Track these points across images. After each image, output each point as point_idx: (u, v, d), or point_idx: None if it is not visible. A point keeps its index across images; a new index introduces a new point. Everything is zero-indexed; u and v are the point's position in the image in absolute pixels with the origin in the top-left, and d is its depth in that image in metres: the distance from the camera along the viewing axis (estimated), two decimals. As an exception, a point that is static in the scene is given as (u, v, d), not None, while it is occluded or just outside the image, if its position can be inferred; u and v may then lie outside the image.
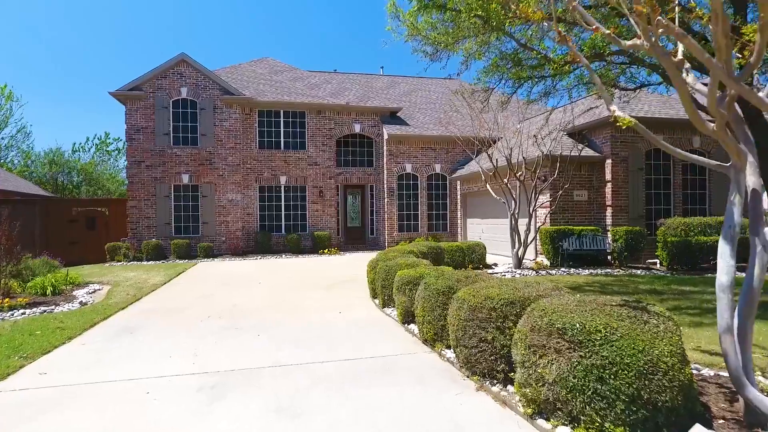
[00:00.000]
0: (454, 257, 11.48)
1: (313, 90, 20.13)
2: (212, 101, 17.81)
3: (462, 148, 19.84)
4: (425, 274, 5.68)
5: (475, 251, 12.07)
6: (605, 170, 13.09)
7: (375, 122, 19.92)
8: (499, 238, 15.60)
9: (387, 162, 19.14)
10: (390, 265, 7.10)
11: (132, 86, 17.20)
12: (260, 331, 6.10)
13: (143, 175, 17.36)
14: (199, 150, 17.73)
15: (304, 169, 19.07)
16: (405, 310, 6.02)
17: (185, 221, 17.70)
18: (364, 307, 7.52)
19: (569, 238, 12.41)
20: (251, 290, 9.56)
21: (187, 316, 7.13)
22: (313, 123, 19.19)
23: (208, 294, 9.20)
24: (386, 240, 19.11)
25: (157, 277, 11.75)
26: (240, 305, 7.89)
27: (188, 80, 17.66)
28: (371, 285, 8.28)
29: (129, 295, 9.15)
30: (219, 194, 17.87)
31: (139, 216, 17.34)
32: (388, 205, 19.15)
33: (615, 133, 12.90)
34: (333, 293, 9.06)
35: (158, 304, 8.18)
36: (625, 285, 9.24)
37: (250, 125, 18.62)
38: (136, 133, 17.31)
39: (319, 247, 18.19)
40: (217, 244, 17.74)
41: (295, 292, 9.19)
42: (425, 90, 24.30)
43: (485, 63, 8.44)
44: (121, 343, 5.70)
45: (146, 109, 17.37)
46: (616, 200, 12.93)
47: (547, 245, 12.53)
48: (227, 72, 20.27)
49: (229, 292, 9.42)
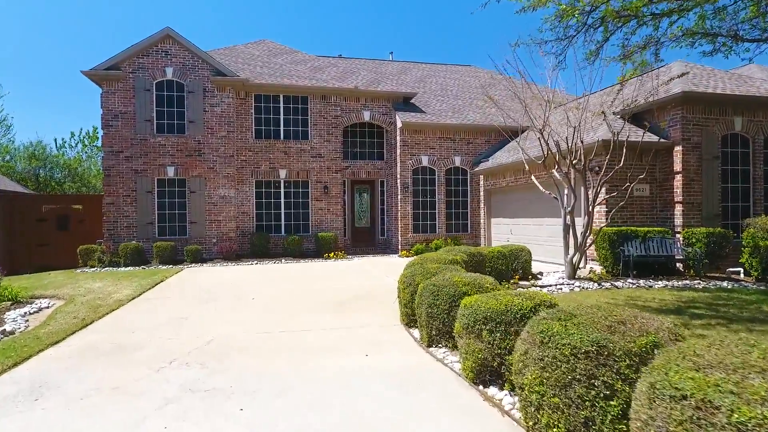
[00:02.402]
0: (496, 265, 9.20)
1: (316, 73, 17.86)
2: (202, 83, 15.52)
3: (485, 139, 17.59)
4: (521, 307, 3.40)
5: (519, 257, 9.79)
6: (673, 159, 10.81)
7: (386, 109, 17.63)
8: (537, 240, 13.32)
9: (400, 154, 16.86)
10: (440, 284, 4.83)
11: (109, 65, 14.91)
12: (245, 397, 3.82)
13: (122, 167, 15.07)
14: (187, 139, 15.44)
15: (306, 161, 16.78)
16: (481, 363, 3.72)
17: (170, 220, 15.41)
18: (397, 344, 5.25)
19: (632, 241, 10.12)
20: (239, 312, 7.28)
21: (139, 360, 4.84)
22: (317, 110, 16.91)
23: (182, 316, 6.92)
24: (399, 242, 16.83)
25: (127, 289, 9.47)
26: (220, 339, 5.61)
27: (174, 59, 15.38)
28: (405, 308, 6.00)
29: (77, 318, 6.87)
30: (209, 190, 15.59)
31: (116, 214, 15.05)
32: (402, 203, 16.87)
33: (687, 114, 10.62)
34: (347, 316, 6.79)
35: (107, 335, 5.90)
36: (741, 306, 6.95)
37: (245, 111, 16.33)
38: (114, 119, 15.03)
39: (323, 250, 15.92)
40: (207, 247, 15.45)
41: (298, 316, 6.91)
42: (440, 77, 22.02)
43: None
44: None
45: (125, 91, 15.08)
46: (688, 195, 10.64)
47: (605, 250, 10.26)
48: (220, 54, 17.99)
49: (210, 313, 7.14)
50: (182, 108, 15.47)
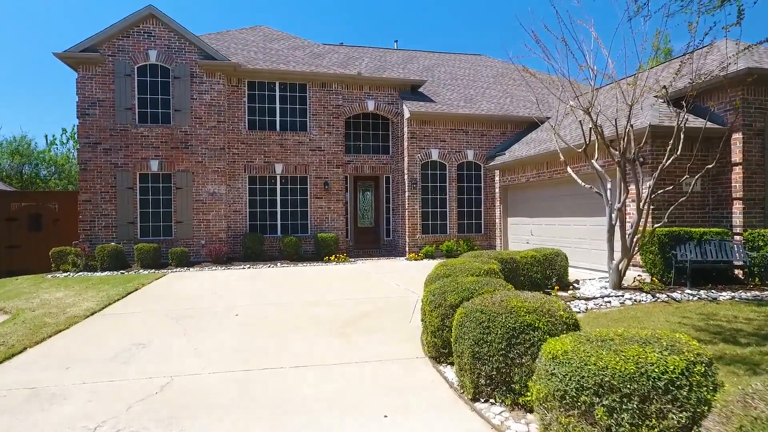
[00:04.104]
0: (530, 273, 7.66)
1: (316, 59, 16.33)
2: (189, 68, 14.00)
3: (500, 131, 16.05)
4: (664, 367, 1.91)
5: (554, 263, 8.26)
6: (730, 148, 9.27)
7: (393, 98, 16.10)
8: (564, 243, 11.78)
9: (408, 147, 15.33)
10: (490, 311, 3.30)
11: (85, 46, 13.39)
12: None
13: (100, 160, 13.56)
14: (172, 129, 13.92)
15: (305, 155, 15.25)
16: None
17: (154, 220, 13.89)
18: (427, 393, 3.72)
19: (686, 244, 8.60)
20: (215, 335, 5.76)
21: (50, 423, 3.32)
22: (317, 98, 15.38)
23: (141, 342, 5.40)
24: (406, 244, 15.31)
25: (89, 302, 7.95)
26: (179, 382, 4.09)
27: (158, 41, 13.86)
28: (432, 337, 4.46)
29: (4, 344, 5.35)
30: (197, 186, 14.07)
31: (94, 213, 13.54)
32: (410, 201, 15.34)
33: (747, 95, 9.08)
34: (353, 342, 5.27)
35: (29, 375, 4.38)
36: None
37: (237, 100, 14.81)
38: (91, 107, 13.51)
39: (323, 253, 14.40)
40: (194, 249, 13.94)
41: (289, 343, 5.40)
42: (449, 65, 20.46)
43: None
44: None
45: (104, 76, 13.56)
46: (749, 191, 9.10)
47: (653, 254, 8.74)
48: (211, 38, 16.45)
49: (177, 339, 5.62)
50: (167, 95, 13.94)
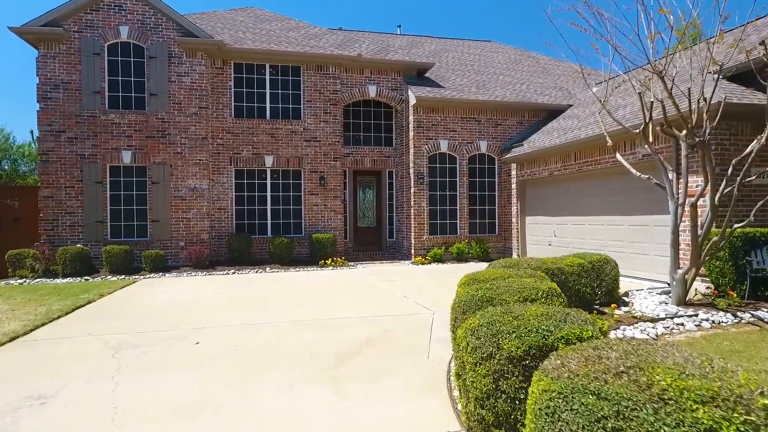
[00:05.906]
0: (577, 286, 6.02)
1: (312, 40, 14.67)
2: (167, 46, 12.34)
3: (517, 120, 14.41)
4: None
5: (603, 273, 6.62)
6: (811, 132, 7.62)
7: (397, 83, 14.45)
8: (596, 245, 10.14)
9: (414, 137, 13.68)
10: (623, 397, 1.66)
11: (47, 20, 11.72)
12: None
13: (64, 151, 11.89)
14: (147, 116, 12.25)
15: (298, 146, 13.59)
16: None
17: (126, 219, 12.22)
18: None
19: (762, 248, 6.97)
20: (159, 377, 4.09)
21: None
22: (312, 83, 13.72)
23: (43, 395, 3.74)
24: (412, 246, 13.66)
25: (16, 321, 6.28)
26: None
27: (130, 15, 12.19)
28: (475, 406, 2.82)
29: None
30: (176, 180, 12.40)
31: (57, 211, 11.86)
32: (416, 198, 13.69)
33: (834, 67, 7.43)
34: (352, 394, 3.63)
35: None
36: None
37: (222, 83, 13.14)
38: (54, 89, 11.84)
39: (318, 256, 12.74)
40: (172, 252, 12.27)
41: (262, 398, 3.75)
42: (456, 51, 18.80)
43: None
44: None
45: (69, 55, 11.89)
46: (836, 183, 7.48)
47: (721, 261, 7.11)
48: (195, 18, 14.77)
49: (102, 385, 3.96)
50: (141, 77, 12.27)
